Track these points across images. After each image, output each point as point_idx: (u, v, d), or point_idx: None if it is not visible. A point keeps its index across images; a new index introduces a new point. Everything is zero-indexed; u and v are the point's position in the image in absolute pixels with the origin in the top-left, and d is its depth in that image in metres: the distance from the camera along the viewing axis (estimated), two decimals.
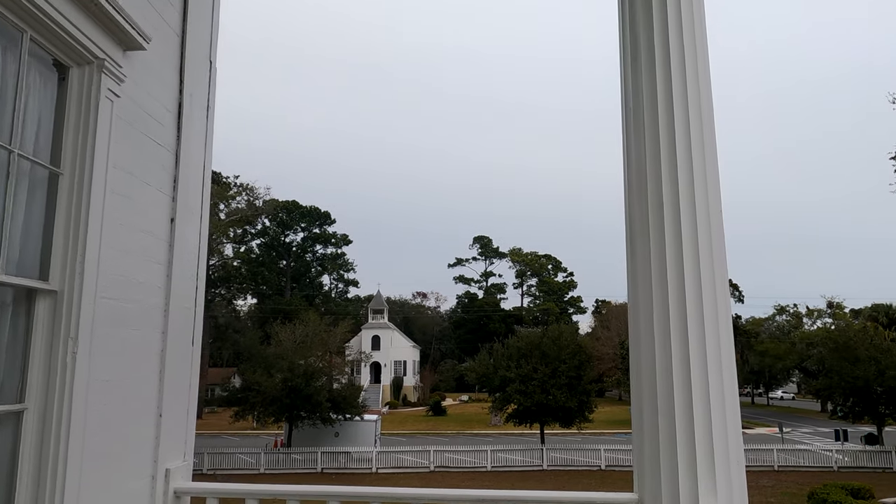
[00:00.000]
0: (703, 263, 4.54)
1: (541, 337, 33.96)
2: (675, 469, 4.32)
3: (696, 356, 4.41)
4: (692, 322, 4.45)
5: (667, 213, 4.57)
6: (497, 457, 31.34)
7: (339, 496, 4.16)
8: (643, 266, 4.71)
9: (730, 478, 4.30)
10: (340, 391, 33.68)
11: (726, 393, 4.43)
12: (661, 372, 4.47)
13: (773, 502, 22.83)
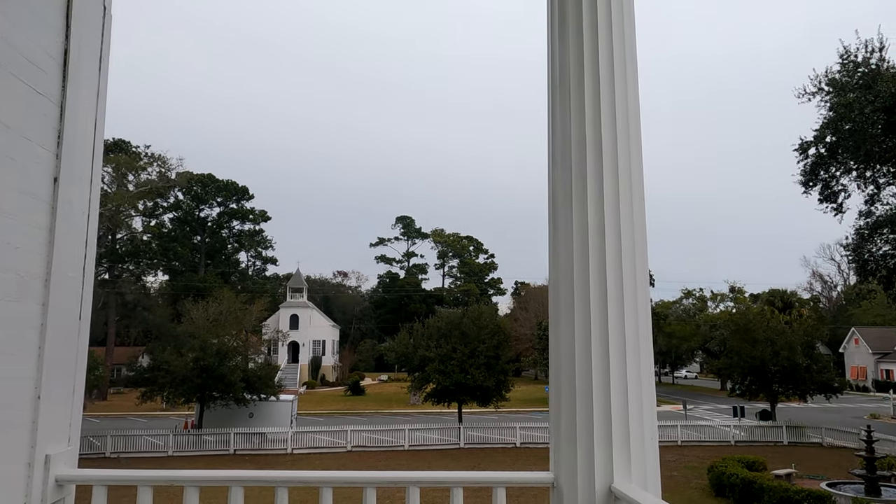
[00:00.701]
0: (625, 240, 4.52)
1: (461, 317, 34.17)
2: (590, 447, 4.30)
3: (615, 335, 4.39)
4: (612, 299, 4.43)
5: (590, 187, 4.51)
6: (415, 436, 31.45)
7: (240, 481, 3.90)
8: (565, 240, 4.65)
9: (644, 456, 4.32)
10: (256, 371, 32.79)
11: (643, 372, 4.45)
12: (581, 349, 4.44)
13: (676, 475, 23.98)
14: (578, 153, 4.58)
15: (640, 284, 4.54)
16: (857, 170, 18.49)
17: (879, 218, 19.35)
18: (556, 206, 4.80)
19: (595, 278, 4.44)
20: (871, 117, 15.34)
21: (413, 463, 27.03)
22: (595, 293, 4.42)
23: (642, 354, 4.46)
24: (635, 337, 4.42)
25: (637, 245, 4.59)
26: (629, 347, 4.38)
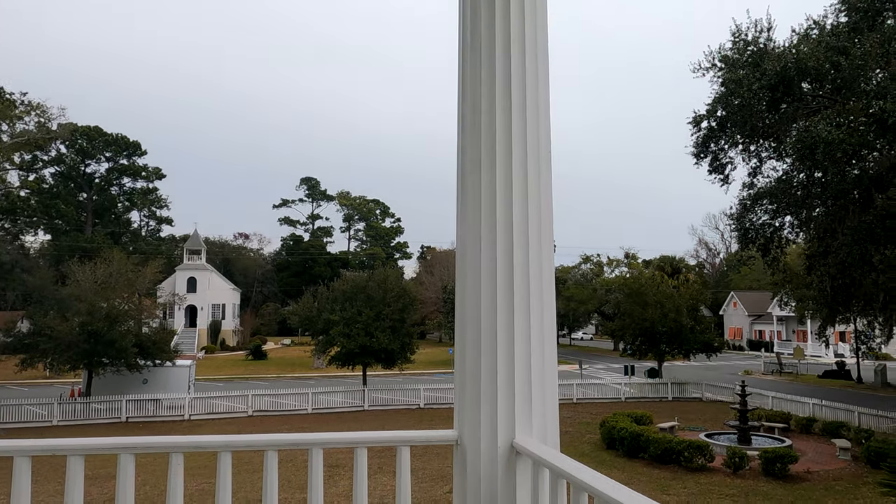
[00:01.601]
0: (531, 204, 4.57)
1: (366, 281, 34.00)
2: (494, 405, 4.38)
3: (520, 296, 4.46)
4: (517, 262, 4.48)
5: (499, 151, 4.51)
6: (319, 399, 31.27)
7: (130, 448, 3.70)
8: (473, 204, 4.64)
9: (545, 412, 4.46)
10: (150, 336, 31.31)
11: (545, 333, 4.55)
12: (486, 310, 4.48)
13: (571, 431, 25.21)
14: (488, 117, 4.56)
15: (544, 249, 4.62)
16: (742, 143, 19.72)
17: (760, 190, 20.76)
18: (465, 170, 4.78)
19: (502, 241, 4.47)
20: (758, 94, 16.33)
21: (317, 426, 26.92)
22: (501, 256, 4.46)
23: (545, 316, 4.57)
24: (539, 299, 4.51)
25: (543, 210, 4.65)
26: (533, 309, 4.47)
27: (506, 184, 4.52)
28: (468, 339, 4.58)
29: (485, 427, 4.38)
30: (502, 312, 4.41)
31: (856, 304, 28.74)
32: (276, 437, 4.26)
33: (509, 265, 4.41)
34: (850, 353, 48.33)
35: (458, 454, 4.65)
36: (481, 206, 4.54)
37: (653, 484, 17.45)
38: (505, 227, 4.45)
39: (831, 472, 18.63)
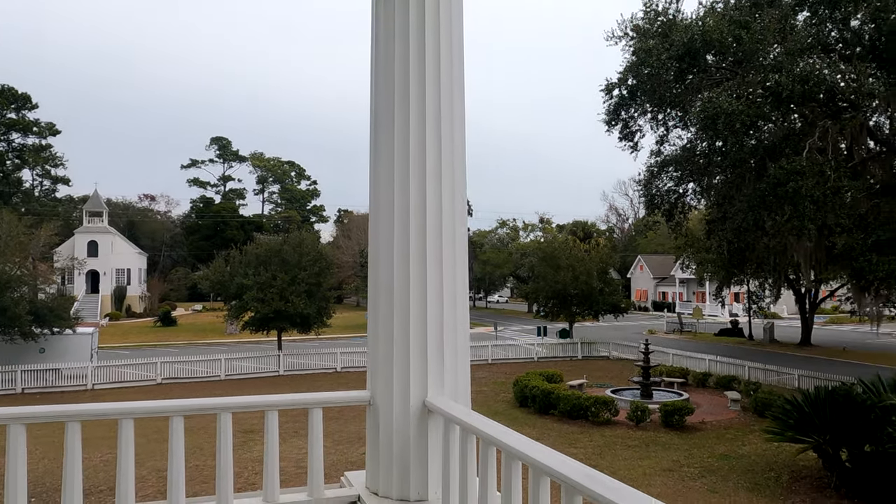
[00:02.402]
0: (444, 164, 4.57)
1: (281, 244, 33.23)
2: (406, 366, 4.42)
3: (433, 259, 4.48)
4: (430, 224, 4.49)
5: (412, 111, 4.47)
6: (232, 365, 30.59)
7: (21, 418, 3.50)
8: (386, 164, 4.59)
9: (456, 372, 4.55)
10: (46, 302, 29.50)
11: (458, 295, 4.62)
12: (399, 273, 4.49)
13: (486, 390, 25.89)
14: (401, 78, 4.49)
15: (457, 211, 4.64)
16: (651, 112, 20.45)
17: (666, 158, 21.67)
18: (378, 130, 4.71)
19: (415, 203, 4.46)
20: (666, 64, 16.91)
21: (230, 392, 26.37)
22: (414, 218, 4.45)
23: (458, 278, 4.62)
24: (451, 261, 4.56)
25: (456, 171, 4.66)
26: (445, 271, 4.52)
27: (419, 144, 4.50)
28: (381, 300, 4.59)
29: (397, 387, 4.44)
30: (415, 275, 4.43)
31: (749, 266, 30.74)
32: (182, 402, 4.15)
33: (422, 227, 4.42)
34: (743, 313, 51.89)
35: (371, 414, 4.69)
36: (394, 166, 4.50)
37: (562, 438, 18.26)
38: (418, 189, 4.43)
39: (723, 421, 20.09)
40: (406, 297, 4.38)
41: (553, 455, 2.87)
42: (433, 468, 4.31)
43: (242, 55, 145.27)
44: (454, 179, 4.54)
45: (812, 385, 24.26)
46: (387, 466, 4.38)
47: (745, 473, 15.00)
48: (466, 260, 4.70)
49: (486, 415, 10.26)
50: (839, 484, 13.20)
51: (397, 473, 4.34)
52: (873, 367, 30.06)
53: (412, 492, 4.31)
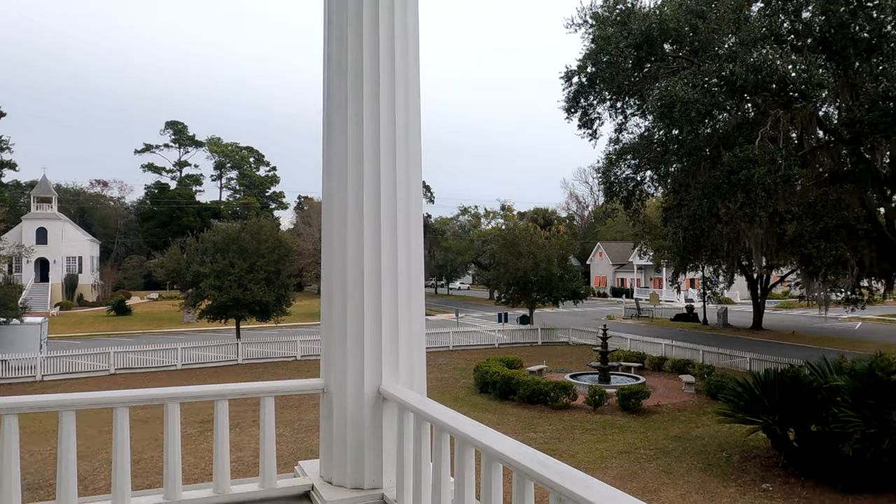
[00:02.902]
0: (399, 148, 4.49)
1: (239, 231, 32.61)
2: (360, 353, 4.36)
3: (388, 245, 4.42)
4: (385, 209, 4.42)
5: (366, 93, 4.38)
6: (189, 354, 30.01)
7: None
8: (339, 147, 4.50)
9: (411, 359, 4.51)
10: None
11: (413, 282, 4.57)
12: (353, 259, 4.42)
13: (446, 377, 25.98)
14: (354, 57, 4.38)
15: (413, 197, 4.58)
16: (610, 100, 20.62)
17: (625, 145, 21.90)
18: (331, 115, 4.61)
19: (369, 188, 4.38)
20: (624, 52, 17.05)
21: (187, 382, 25.89)
22: (368, 204, 4.38)
23: (413, 265, 4.57)
24: (406, 248, 4.50)
25: (411, 155, 4.60)
26: (400, 258, 4.46)
27: (373, 130, 4.41)
28: (334, 287, 4.51)
29: (351, 375, 4.38)
30: (369, 261, 4.36)
31: (704, 253, 31.43)
32: (126, 393, 4.02)
33: (376, 213, 4.34)
34: (698, 298, 53.12)
35: (325, 402, 4.62)
36: (347, 153, 4.41)
37: (521, 423, 18.45)
38: (372, 174, 4.35)
39: (677, 404, 20.57)
40: (360, 283, 4.32)
41: (505, 441, 2.86)
42: (388, 455, 4.28)
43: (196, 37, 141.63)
44: (409, 165, 4.48)
45: (763, 368, 25.01)
46: (341, 455, 4.34)
47: (698, 454, 15.40)
48: (422, 247, 4.65)
49: (447, 401, 10.23)
50: (787, 462, 13.65)
51: (351, 462, 4.29)
52: (821, 350, 31.15)
53: (366, 480, 4.27)
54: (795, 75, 15.18)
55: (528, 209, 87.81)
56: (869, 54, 16.90)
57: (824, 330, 41.19)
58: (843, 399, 12.48)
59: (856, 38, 17.02)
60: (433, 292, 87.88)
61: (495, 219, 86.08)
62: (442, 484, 3.44)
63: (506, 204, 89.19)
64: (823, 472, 12.94)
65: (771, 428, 13.38)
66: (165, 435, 4.10)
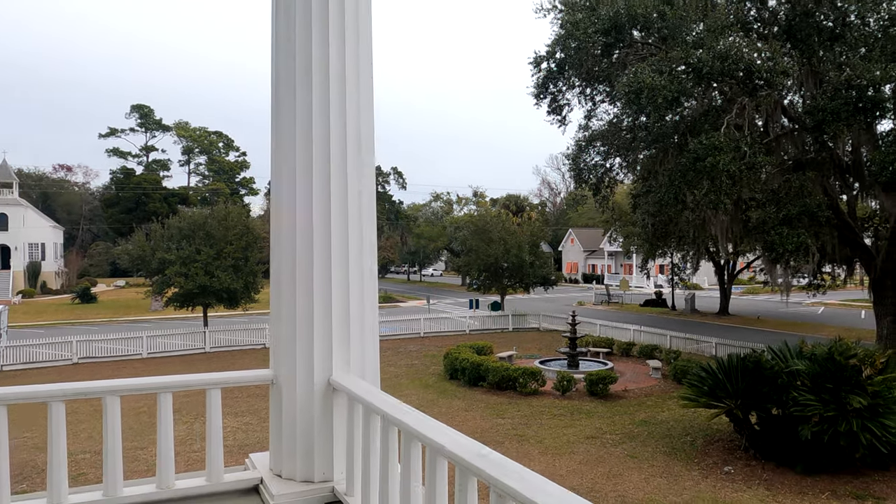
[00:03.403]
0: (350, 129, 4.33)
1: (206, 217, 32.05)
2: (310, 343, 4.23)
3: (338, 233, 4.28)
4: (335, 194, 4.27)
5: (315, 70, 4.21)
6: (155, 343, 29.50)
7: None
8: (287, 129, 4.33)
9: (364, 349, 4.39)
10: None
11: (365, 271, 4.44)
12: (301, 246, 4.26)
13: (417, 363, 25.94)
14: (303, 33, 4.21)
15: (365, 182, 4.44)
16: (579, 86, 20.59)
17: (594, 132, 21.93)
18: (279, 92, 4.44)
19: (318, 171, 4.23)
20: (593, 38, 16.99)
21: (152, 370, 25.46)
22: (318, 188, 4.23)
23: (365, 251, 4.44)
24: (359, 236, 4.36)
25: (363, 139, 4.44)
26: (352, 244, 4.32)
27: (322, 109, 4.25)
28: (283, 275, 4.37)
29: (301, 365, 4.25)
30: (319, 248, 4.22)
31: (672, 239, 31.77)
32: (63, 386, 3.85)
33: (325, 197, 4.20)
34: (667, 284, 53.83)
35: (274, 393, 4.50)
36: (296, 133, 4.24)
37: (490, 410, 18.49)
38: (321, 156, 4.20)
39: (644, 389, 20.81)
40: (309, 271, 4.18)
41: (447, 434, 2.77)
42: (339, 447, 4.18)
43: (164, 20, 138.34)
44: (360, 147, 4.33)
45: (728, 352, 25.44)
46: (290, 447, 4.22)
47: (662, 438, 15.60)
48: (375, 232, 4.52)
49: (417, 388, 10.09)
50: (748, 446, 13.89)
51: (301, 454, 4.18)
52: (785, 335, 31.78)
53: (316, 473, 4.17)
54: (761, 63, 15.29)
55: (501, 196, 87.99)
56: (832, 43, 17.12)
57: (788, 315, 42.07)
58: (803, 383, 12.71)
59: (820, 26, 17.21)
60: (405, 279, 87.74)
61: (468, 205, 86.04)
62: (390, 477, 3.35)
63: (478, 190, 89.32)
64: (783, 454, 13.19)
65: (733, 412, 13.59)
66: (104, 430, 3.95)
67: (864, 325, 35.54)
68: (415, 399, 19.72)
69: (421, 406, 19.06)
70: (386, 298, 58.24)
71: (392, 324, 34.41)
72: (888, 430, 11.71)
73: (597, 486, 12.52)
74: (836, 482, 12.33)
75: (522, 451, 14.79)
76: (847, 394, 12.07)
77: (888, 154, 14.94)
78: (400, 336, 33.47)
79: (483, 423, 17.22)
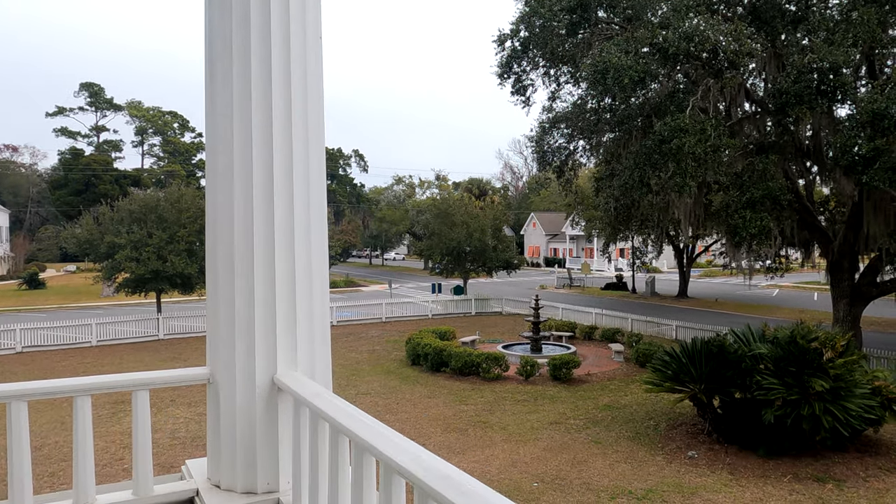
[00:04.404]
0: (296, 102, 3.85)
1: (158, 200, 30.85)
2: (251, 337, 3.71)
3: (283, 215, 3.76)
4: (279, 172, 3.74)
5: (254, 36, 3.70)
6: (106, 330, 28.38)
7: None
8: (223, 98, 3.81)
9: (313, 348, 3.89)
10: None
11: (314, 259, 3.93)
12: (241, 232, 3.75)
13: (378, 349, 25.49)
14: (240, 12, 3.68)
15: (313, 149, 3.94)
16: (544, 66, 20.22)
17: (558, 114, 21.62)
18: (214, 59, 3.91)
19: (259, 143, 3.72)
20: (558, 15, 16.61)
21: (103, 359, 24.47)
22: (259, 157, 3.73)
23: (314, 232, 3.94)
24: (306, 218, 3.85)
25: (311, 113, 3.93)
26: (298, 229, 3.82)
27: (263, 77, 3.73)
28: (219, 264, 3.85)
29: (241, 362, 3.75)
30: (260, 234, 3.72)
31: (634, 223, 31.87)
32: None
33: (267, 173, 3.70)
34: (628, 267, 54.35)
35: (211, 393, 3.99)
36: (233, 104, 3.72)
37: (453, 396, 18.18)
38: (262, 126, 3.69)
39: (607, 373, 20.78)
40: (249, 253, 3.68)
41: (407, 451, 2.34)
42: (285, 455, 3.72)
43: None
44: (308, 115, 3.83)
45: (688, 335, 25.65)
46: (230, 454, 3.74)
47: (626, 423, 15.52)
48: (325, 217, 4.04)
49: (378, 374, 9.47)
50: (711, 430, 13.87)
51: (242, 462, 3.71)
52: (742, 317, 32.31)
53: (260, 483, 3.70)
54: (726, 44, 15.12)
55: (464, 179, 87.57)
56: (795, 26, 17.07)
57: (745, 297, 42.86)
58: (767, 367, 12.69)
59: (783, 9, 17.15)
60: (367, 263, 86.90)
61: (430, 189, 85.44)
62: (340, 489, 2.92)
63: (441, 174, 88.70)
64: (746, 438, 13.19)
65: (697, 396, 13.52)
66: (9, 439, 3.41)
67: (818, 307, 36.42)
68: (377, 386, 19.29)
69: (383, 393, 18.67)
70: (347, 283, 57.50)
71: (353, 308, 33.84)
72: (850, 413, 11.76)
73: (562, 474, 12.31)
74: (797, 465, 12.37)
75: (486, 439, 14.52)
76: (809, 377, 12.07)
77: (850, 137, 14.98)
78: (361, 321, 32.95)
79: (446, 409, 16.90)
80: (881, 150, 14.40)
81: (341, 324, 32.01)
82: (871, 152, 14.30)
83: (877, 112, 14.40)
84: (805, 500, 10.94)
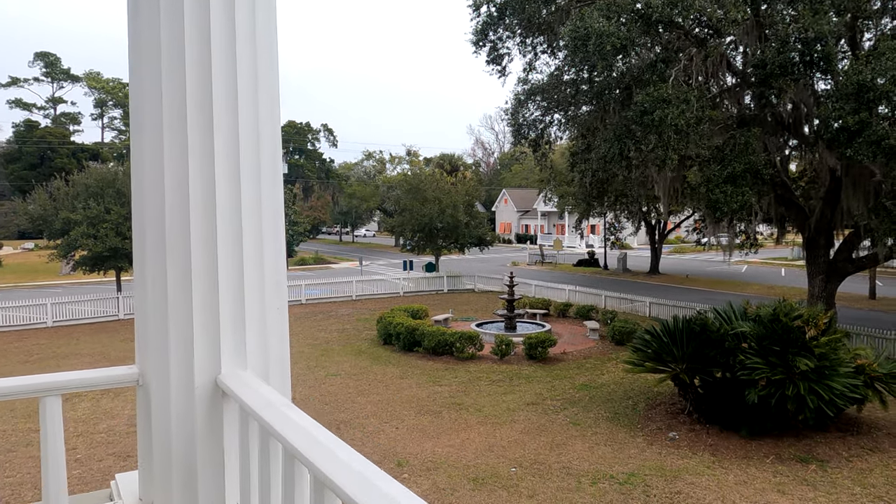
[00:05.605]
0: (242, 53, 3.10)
1: (116, 174, 29.49)
2: (189, 329, 2.96)
3: (227, 185, 3.03)
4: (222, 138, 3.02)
5: None
6: (62, 310, 27.16)
7: None
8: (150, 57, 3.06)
9: (267, 344, 3.21)
10: None
11: (266, 237, 3.23)
12: (172, 207, 3.05)
13: (348, 328, 24.81)
14: None
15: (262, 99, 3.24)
16: (521, 35, 19.46)
17: (534, 86, 20.91)
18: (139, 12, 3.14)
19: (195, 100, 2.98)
20: None
21: (58, 341, 23.37)
22: (195, 113, 3.00)
23: (265, 211, 3.22)
24: (256, 188, 3.09)
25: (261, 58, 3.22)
26: (246, 201, 3.08)
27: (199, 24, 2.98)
28: (148, 245, 3.11)
29: (177, 359, 3.02)
30: (198, 209, 2.98)
31: (608, 198, 31.51)
32: None
33: (207, 131, 2.97)
34: (600, 244, 54.26)
35: (141, 397, 3.26)
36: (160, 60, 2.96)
37: (426, 377, 17.64)
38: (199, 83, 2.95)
39: (583, 351, 20.43)
40: (185, 238, 2.95)
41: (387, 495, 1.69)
42: (231, 470, 3.04)
43: None
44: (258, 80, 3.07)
45: (661, 311, 25.48)
46: (164, 470, 3.05)
47: (604, 403, 15.15)
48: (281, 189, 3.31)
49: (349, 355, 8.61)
50: (692, 410, 13.55)
51: (179, 479, 3.02)
52: (713, 293, 32.33)
53: (201, 501, 3.04)
54: (711, 11, 14.54)
55: (435, 155, 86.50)
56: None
57: (714, 273, 43.05)
58: (750, 346, 12.35)
59: None
60: (337, 240, 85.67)
61: (401, 164, 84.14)
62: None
63: (412, 149, 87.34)
64: (728, 418, 12.90)
65: (679, 377, 13.16)
66: None
67: (787, 283, 36.69)
68: (347, 367, 18.64)
69: (354, 374, 18.01)
70: (317, 259, 56.47)
71: (323, 286, 33.01)
72: (834, 392, 11.48)
73: (540, 458, 11.86)
74: (780, 445, 12.10)
75: (461, 421, 14.02)
76: (794, 356, 11.76)
77: (834, 110, 14.60)
78: (331, 299, 32.17)
79: (419, 391, 16.34)
80: (865, 122, 14.04)
81: (310, 302, 31.19)
82: (856, 125, 13.93)
83: (862, 83, 14.02)
84: (789, 482, 10.66)
